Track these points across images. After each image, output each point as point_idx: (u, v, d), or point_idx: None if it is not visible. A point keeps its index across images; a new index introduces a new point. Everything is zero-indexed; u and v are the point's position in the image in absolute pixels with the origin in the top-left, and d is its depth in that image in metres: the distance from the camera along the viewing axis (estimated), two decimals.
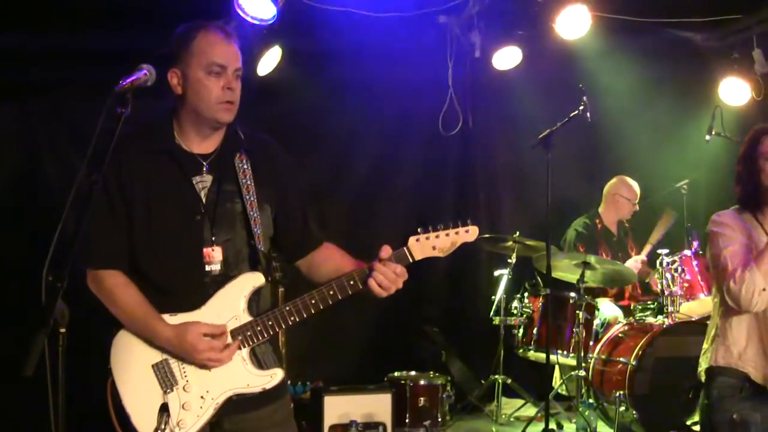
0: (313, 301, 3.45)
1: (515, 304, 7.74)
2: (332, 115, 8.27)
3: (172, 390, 3.40)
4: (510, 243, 7.74)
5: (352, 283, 3.47)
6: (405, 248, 3.50)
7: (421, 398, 6.70)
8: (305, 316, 3.46)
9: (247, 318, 3.46)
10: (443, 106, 8.40)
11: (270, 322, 3.45)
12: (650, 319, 7.37)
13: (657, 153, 9.01)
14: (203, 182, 3.51)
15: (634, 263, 8.09)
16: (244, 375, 3.44)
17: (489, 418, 7.77)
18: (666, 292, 7.17)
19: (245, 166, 3.57)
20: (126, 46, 6.37)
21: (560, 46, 7.79)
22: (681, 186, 8.37)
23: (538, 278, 7.92)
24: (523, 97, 8.68)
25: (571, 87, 6.95)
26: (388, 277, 3.45)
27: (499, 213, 9.12)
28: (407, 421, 6.65)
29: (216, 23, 3.51)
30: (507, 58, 8.12)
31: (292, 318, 3.45)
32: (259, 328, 3.44)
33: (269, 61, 7.16)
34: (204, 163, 3.53)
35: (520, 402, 7.95)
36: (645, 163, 8.96)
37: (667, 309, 7.14)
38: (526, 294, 7.76)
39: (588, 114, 6.66)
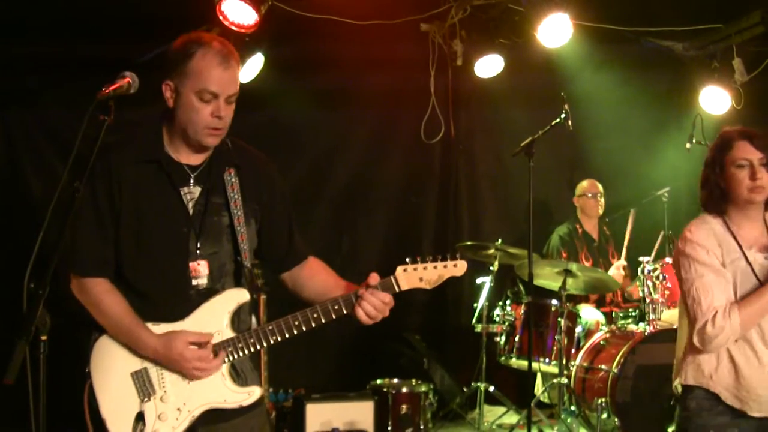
0: (296, 323, 3.46)
1: (497, 311, 7.75)
2: (315, 122, 8.26)
3: (150, 399, 3.39)
4: (492, 251, 7.74)
5: (336, 308, 3.48)
6: (392, 277, 3.51)
7: (404, 406, 6.71)
8: (287, 336, 3.47)
9: (229, 333, 3.47)
10: (425, 114, 8.42)
11: (252, 340, 3.46)
12: (632, 327, 7.38)
13: (638, 161, 9.05)
14: (191, 194, 3.51)
15: (616, 270, 8.11)
16: (222, 390, 3.45)
17: (471, 425, 7.77)
18: (647, 300, 7.19)
19: (233, 180, 3.57)
20: (110, 54, 6.37)
21: (542, 55, 7.83)
22: (662, 194, 8.41)
23: (520, 286, 7.92)
24: (505, 105, 8.71)
25: (552, 95, 6.96)
26: (376, 306, 3.46)
27: (481, 221, 9.12)
28: (389, 428, 6.65)
29: (217, 40, 3.46)
30: (489, 66, 8.15)
31: (274, 337, 3.46)
32: (240, 345, 3.45)
33: (252, 68, 7.15)
34: (191, 175, 3.52)
35: (503, 409, 7.95)
36: (626, 171, 9.00)
37: (648, 316, 7.14)
38: (508, 302, 7.77)
39: (569, 122, 6.67)
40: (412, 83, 8.38)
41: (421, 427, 6.75)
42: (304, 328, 3.47)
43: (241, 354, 3.46)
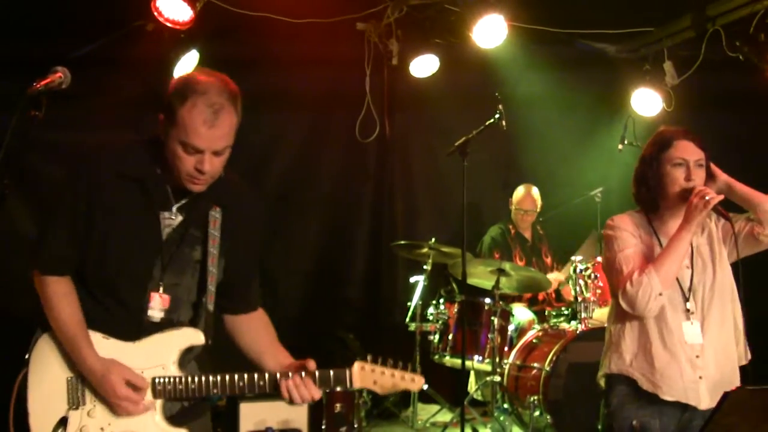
0: (241, 384, 3.40)
1: (431, 310, 7.78)
2: (249, 120, 8.11)
3: (77, 408, 3.34)
4: (426, 249, 7.77)
5: (282, 379, 3.44)
6: (348, 371, 3.46)
7: (338, 404, 6.69)
8: (228, 393, 3.41)
9: (173, 371, 3.39)
10: (360, 113, 8.41)
11: (193, 386, 3.37)
12: (564, 325, 7.45)
13: (571, 161, 9.14)
14: (170, 220, 3.43)
15: (555, 278, 8.15)
16: (150, 425, 3.37)
17: (405, 423, 7.79)
18: (579, 299, 7.27)
19: (217, 216, 3.49)
20: (45, 51, 6.27)
21: (477, 55, 7.86)
22: (595, 194, 8.50)
23: (454, 285, 7.97)
24: (440, 104, 8.73)
25: (487, 95, 6.99)
26: (303, 397, 3.42)
27: (416, 220, 9.14)
28: (323, 427, 6.63)
29: (215, 87, 3.37)
30: (424, 65, 8.17)
31: (215, 390, 3.39)
32: (180, 387, 3.37)
33: (186, 65, 7.08)
34: (176, 203, 3.44)
35: (436, 407, 7.98)
36: (560, 171, 9.08)
37: (580, 315, 7.23)
38: (441, 300, 7.80)
39: (503, 122, 6.70)
40: (348, 82, 8.38)
41: (355, 426, 6.75)
42: (246, 391, 3.40)
43: (177, 396, 3.38)
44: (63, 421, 3.32)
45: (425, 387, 7.62)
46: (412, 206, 9.18)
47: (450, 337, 7.57)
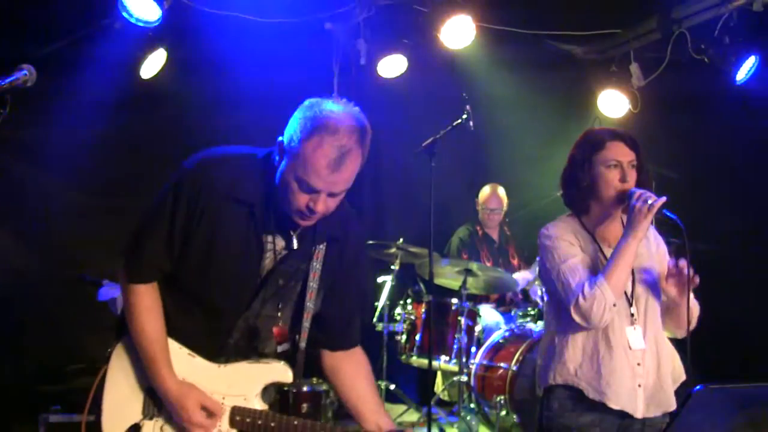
0: None
1: (398, 310, 7.78)
2: (217, 119, 8.17)
3: (151, 419, 3.31)
4: (393, 249, 7.77)
5: None
6: None
7: (305, 404, 6.67)
8: None
9: (256, 403, 3.35)
10: None
11: (272, 424, 3.31)
12: (531, 325, 7.48)
13: (539, 162, 9.14)
14: (273, 245, 3.29)
15: (523, 277, 8.18)
16: None
17: None
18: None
19: (321, 248, 3.36)
20: (10, 51, 6.23)
21: (445, 56, 7.88)
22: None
23: (421, 285, 7.97)
24: (408, 105, 8.73)
25: (455, 96, 7.01)
26: None
27: (383, 220, 9.16)
28: None
29: (345, 126, 3.15)
30: (392, 66, 8.17)
31: None
32: (260, 422, 3.30)
33: (153, 64, 7.05)
34: (288, 232, 3.30)
35: (403, 407, 7.97)
36: (527, 171, 9.10)
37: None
38: (409, 300, 7.80)
39: (471, 123, 6.71)
40: (315, 82, 8.35)
41: None
42: None
43: (253, 430, 3.31)
44: (135, 428, 3.30)
45: (392, 387, 7.66)
46: (380, 206, 9.18)
47: (417, 337, 7.58)
